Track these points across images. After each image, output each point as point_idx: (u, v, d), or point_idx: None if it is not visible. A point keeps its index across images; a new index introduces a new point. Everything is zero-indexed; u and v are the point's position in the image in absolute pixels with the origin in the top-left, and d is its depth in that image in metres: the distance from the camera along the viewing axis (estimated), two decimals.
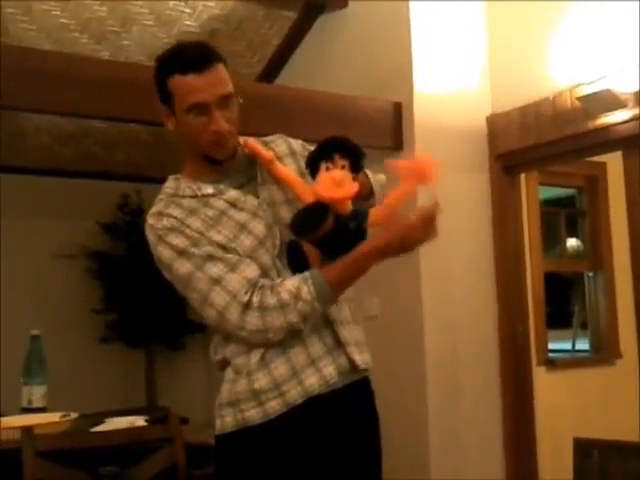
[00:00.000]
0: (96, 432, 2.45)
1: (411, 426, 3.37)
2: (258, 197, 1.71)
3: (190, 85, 1.61)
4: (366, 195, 1.76)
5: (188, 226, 1.63)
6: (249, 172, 1.75)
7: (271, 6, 4.10)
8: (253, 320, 1.58)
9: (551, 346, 4.81)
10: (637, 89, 3.02)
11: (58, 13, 3.79)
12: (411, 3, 3.57)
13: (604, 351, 5.00)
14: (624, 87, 3.06)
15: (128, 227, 4.91)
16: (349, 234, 1.64)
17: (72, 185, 4.88)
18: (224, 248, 1.63)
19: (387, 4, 3.70)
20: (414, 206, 1.70)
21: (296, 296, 1.58)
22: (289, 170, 1.76)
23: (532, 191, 4.51)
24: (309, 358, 1.64)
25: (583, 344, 5.32)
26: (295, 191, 1.73)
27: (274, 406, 1.62)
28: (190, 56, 1.64)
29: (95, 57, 3.93)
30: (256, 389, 1.62)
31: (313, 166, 1.67)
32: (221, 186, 1.70)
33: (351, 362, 1.69)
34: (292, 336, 1.63)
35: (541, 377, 4.27)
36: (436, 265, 3.45)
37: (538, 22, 3.53)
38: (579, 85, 3.25)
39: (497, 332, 3.65)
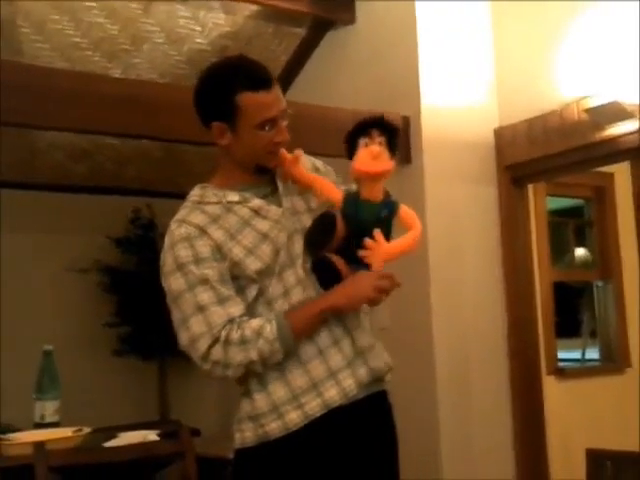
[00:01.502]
0: (108, 447, 2.45)
1: (422, 436, 3.37)
2: (281, 207, 1.75)
3: (263, 102, 1.68)
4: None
5: (209, 235, 1.66)
6: (271, 184, 1.79)
7: (280, 23, 4.15)
8: (217, 354, 1.61)
9: (561, 355, 4.81)
10: None
11: (71, 32, 3.84)
12: (419, 18, 3.60)
13: (614, 360, 4.99)
14: (631, 98, 3.07)
15: (140, 241, 4.96)
16: (368, 227, 1.67)
17: (85, 200, 4.93)
18: (238, 265, 1.66)
19: (395, 20, 3.73)
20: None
21: (258, 334, 1.61)
22: (310, 173, 1.81)
23: (540, 202, 4.52)
24: (329, 370, 1.66)
25: (593, 353, 5.32)
26: (318, 189, 1.78)
27: (294, 419, 1.64)
28: (258, 74, 1.70)
29: (107, 75, 3.98)
30: (275, 401, 1.64)
31: (351, 145, 1.71)
32: (247, 194, 1.73)
33: (371, 371, 1.71)
34: (311, 348, 1.66)
35: (551, 386, 4.26)
36: (445, 276, 3.47)
37: (544, 35, 3.56)
38: (586, 97, 3.26)
39: (507, 342, 3.65)
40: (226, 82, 1.70)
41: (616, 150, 3.26)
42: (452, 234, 3.52)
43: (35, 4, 3.62)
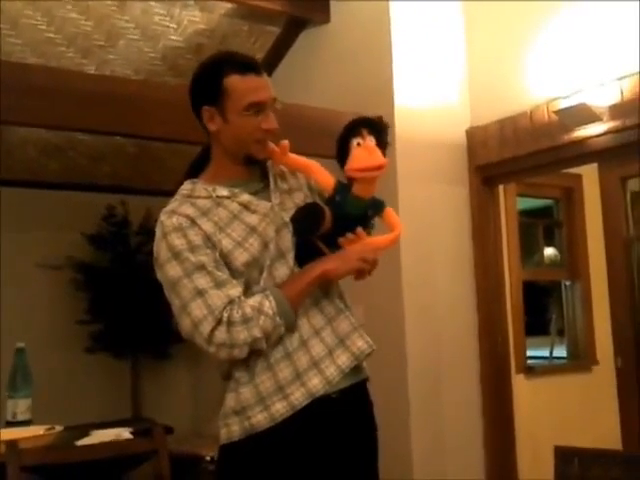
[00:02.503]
0: (81, 446, 2.44)
1: (394, 433, 3.40)
2: (271, 202, 1.77)
3: (250, 84, 1.71)
4: None
5: (199, 226, 1.68)
6: (263, 180, 1.82)
7: (255, 21, 4.16)
8: (221, 335, 1.62)
9: (529, 353, 4.86)
10: (612, 103, 3.09)
11: (44, 27, 3.82)
12: (392, 19, 3.63)
13: (581, 358, 5.07)
14: (599, 101, 3.12)
15: (113, 238, 4.93)
16: (352, 221, 1.75)
17: (58, 197, 4.90)
18: (226, 257, 1.68)
19: (369, 20, 3.76)
20: None
21: (259, 310, 1.63)
22: (302, 157, 1.84)
23: (510, 202, 4.57)
24: (311, 360, 1.68)
25: (560, 351, 5.39)
26: (314, 176, 1.82)
27: (280, 409, 1.65)
28: (247, 59, 1.76)
29: (81, 71, 3.95)
30: (261, 392, 1.66)
31: (343, 146, 1.75)
32: (236, 190, 1.75)
33: (352, 355, 1.74)
34: (294, 339, 1.68)
35: (520, 384, 4.31)
36: (417, 274, 3.50)
37: (515, 37, 3.60)
38: (555, 99, 3.31)
39: (477, 340, 3.70)
40: (215, 66, 1.75)
41: (584, 152, 3.32)
42: (424, 234, 3.56)
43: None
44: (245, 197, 1.75)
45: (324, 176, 1.82)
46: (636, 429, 4.06)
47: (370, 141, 1.72)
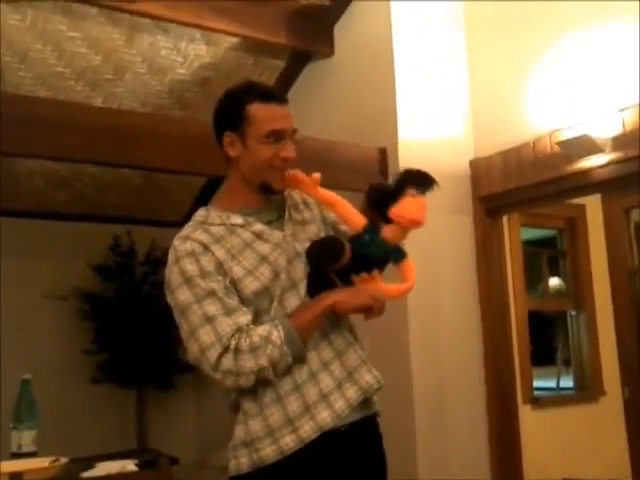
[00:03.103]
0: (86, 478, 2.38)
1: (400, 463, 3.38)
2: (284, 232, 1.78)
3: (272, 113, 1.74)
4: None
5: (212, 253, 1.69)
6: (278, 211, 1.83)
7: (260, 55, 4.22)
8: (228, 362, 1.62)
9: (536, 384, 4.85)
10: (614, 134, 3.11)
11: (54, 62, 3.88)
12: (396, 52, 3.68)
13: (588, 389, 5.04)
14: (601, 132, 3.14)
15: (119, 268, 4.97)
16: (371, 262, 1.77)
17: (65, 227, 4.94)
18: (237, 284, 1.68)
19: (372, 53, 3.82)
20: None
21: (267, 339, 1.63)
22: (332, 193, 1.85)
23: (514, 232, 4.59)
24: (320, 393, 1.68)
25: (567, 382, 5.37)
26: (341, 212, 1.83)
27: (288, 442, 1.65)
28: (271, 89, 1.81)
29: (88, 104, 4.01)
30: (271, 425, 1.66)
31: (397, 190, 1.76)
32: (250, 219, 1.76)
33: (361, 389, 1.73)
34: (303, 371, 1.68)
35: (527, 415, 4.30)
36: (423, 304, 3.50)
37: (518, 69, 3.65)
38: (558, 130, 3.34)
39: (483, 371, 3.69)
40: (240, 93, 1.78)
41: (587, 182, 3.33)
42: (429, 264, 3.56)
43: (18, 33, 3.66)
44: (258, 226, 1.76)
45: (354, 214, 1.83)
46: None
47: (424, 199, 1.75)
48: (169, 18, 3.68)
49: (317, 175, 1.82)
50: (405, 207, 1.73)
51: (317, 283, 1.75)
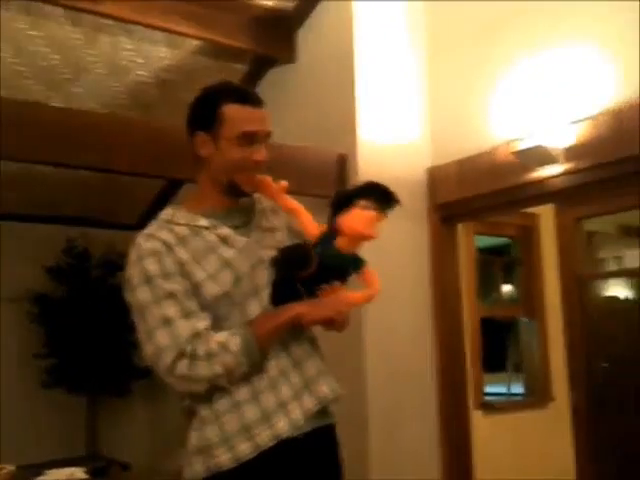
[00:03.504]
0: None
1: (353, 469, 3.41)
2: (249, 237, 1.77)
3: (246, 114, 1.72)
4: None
5: (175, 253, 1.67)
6: (247, 215, 1.82)
7: (222, 59, 4.22)
8: (182, 367, 1.60)
9: (487, 389, 4.92)
10: (567, 145, 3.18)
11: (12, 60, 3.83)
12: (356, 59, 3.72)
13: (537, 394, 5.14)
14: (555, 143, 3.20)
15: (72, 270, 4.90)
16: (331, 273, 1.74)
17: (17, 229, 4.86)
18: (197, 287, 1.67)
19: (334, 60, 3.85)
20: None
21: (224, 347, 1.61)
22: (296, 201, 1.86)
23: (469, 240, 4.66)
24: (278, 402, 1.67)
25: (517, 387, 5.46)
26: (301, 220, 1.83)
27: (244, 450, 1.63)
28: (247, 91, 1.79)
29: (44, 103, 3.94)
30: (226, 431, 1.64)
31: (347, 200, 1.75)
32: (216, 222, 1.75)
33: (317, 400, 1.73)
34: (262, 380, 1.67)
35: (478, 420, 4.35)
36: (377, 310, 3.52)
37: (476, 81, 3.71)
38: (514, 140, 3.39)
39: (436, 377, 3.72)
40: (214, 93, 1.77)
41: (541, 192, 3.39)
42: (384, 271, 3.49)
43: None
44: (224, 230, 1.74)
45: (311, 224, 1.83)
46: (590, 465, 4.13)
47: (375, 211, 1.73)
48: (133, 20, 3.65)
49: (284, 183, 1.83)
50: (353, 217, 1.73)
51: (282, 291, 1.74)
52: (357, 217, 1.73)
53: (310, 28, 4.07)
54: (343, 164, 3.66)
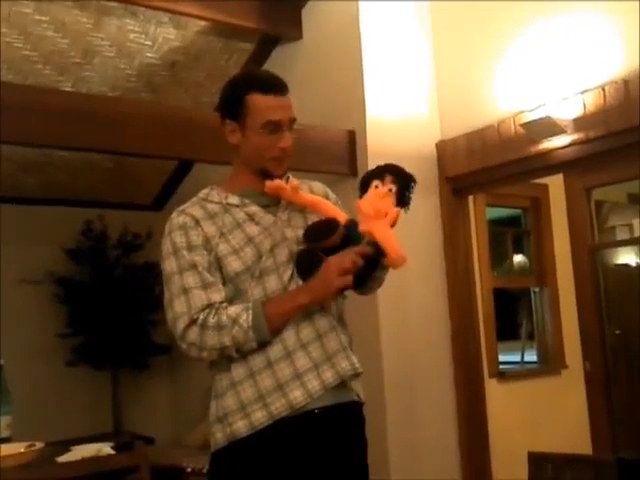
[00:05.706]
0: (62, 463, 2.41)
1: (371, 439, 3.47)
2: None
3: (270, 104, 1.78)
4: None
5: (202, 228, 1.77)
6: (276, 198, 1.86)
7: (229, 38, 4.23)
8: (193, 335, 1.69)
9: (501, 358, 4.95)
10: (575, 116, 3.20)
11: (21, 45, 3.86)
12: (363, 35, 3.72)
13: (550, 362, 5.17)
14: (563, 114, 3.22)
15: (92, 252, 4.98)
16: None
17: (36, 212, 4.93)
18: (221, 261, 1.74)
19: (340, 36, 3.85)
20: None
21: (234, 321, 1.68)
22: (313, 195, 1.90)
23: (480, 212, 4.66)
24: (295, 372, 1.71)
25: (531, 356, 5.50)
26: (322, 210, 1.86)
27: (259, 418, 1.69)
28: (272, 80, 1.83)
29: (56, 88, 4.01)
30: (242, 400, 1.70)
31: (365, 185, 1.81)
32: (247, 200, 1.83)
33: (337, 373, 1.74)
34: (278, 349, 1.71)
35: (493, 388, 4.40)
36: (391, 283, 3.54)
37: (483, 53, 3.71)
38: (522, 112, 3.42)
39: (451, 347, 3.78)
40: (240, 83, 1.84)
41: (550, 163, 3.42)
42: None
43: None
44: (253, 208, 1.82)
45: (334, 211, 1.86)
46: (604, 431, 4.18)
47: (388, 189, 1.78)
48: (138, 2, 3.67)
49: (295, 182, 1.87)
50: (364, 199, 1.79)
51: (305, 259, 1.77)
52: (369, 197, 1.79)
53: (316, 5, 4.06)
54: (353, 141, 3.69)
